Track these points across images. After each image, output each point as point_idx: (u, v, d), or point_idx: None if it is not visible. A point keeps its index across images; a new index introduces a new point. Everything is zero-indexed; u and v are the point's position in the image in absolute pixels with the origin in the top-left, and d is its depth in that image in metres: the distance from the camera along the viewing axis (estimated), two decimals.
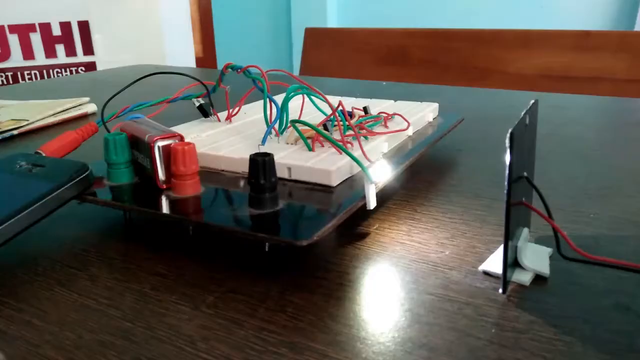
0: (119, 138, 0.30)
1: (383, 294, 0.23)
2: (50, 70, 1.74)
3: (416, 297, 0.23)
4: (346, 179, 0.30)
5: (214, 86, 0.40)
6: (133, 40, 1.78)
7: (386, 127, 0.38)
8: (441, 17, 2.08)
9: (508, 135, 0.20)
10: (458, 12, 2.07)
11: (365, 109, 0.40)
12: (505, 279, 0.22)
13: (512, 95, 0.70)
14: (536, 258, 0.25)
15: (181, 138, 0.29)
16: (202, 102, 0.40)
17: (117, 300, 0.23)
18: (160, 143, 0.28)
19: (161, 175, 0.28)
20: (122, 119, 0.33)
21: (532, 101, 0.25)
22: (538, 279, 0.24)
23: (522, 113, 0.23)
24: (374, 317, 0.21)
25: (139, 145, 0.30)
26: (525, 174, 0.24)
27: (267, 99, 0.34)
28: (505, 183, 0.21)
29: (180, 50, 1.95)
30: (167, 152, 0.28)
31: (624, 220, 0.30)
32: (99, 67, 1.77)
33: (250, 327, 0.21)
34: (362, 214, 0.31)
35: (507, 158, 0.20)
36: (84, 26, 1.74)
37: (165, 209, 0.27)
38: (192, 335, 0.20)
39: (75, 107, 0.62)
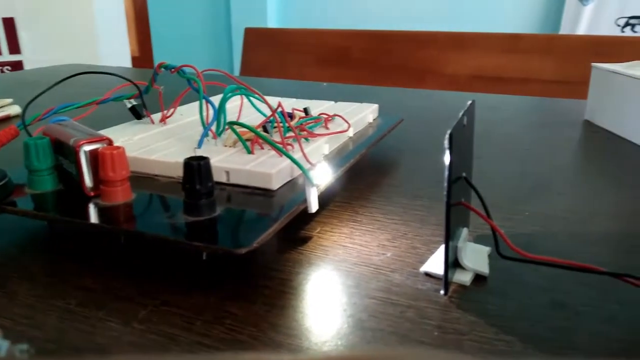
0: (40, 142, 0.27)
1: (326, 300, 0.22)
2: None
3: (359, 302, 0.22)
4: (287, 182, 0.29)
5: (147, 86, 0.38)
6: (64, 39, 1.69)
7: (327, 128, 0.37)
8: (379, 19, 2.11)
9: (447, 135, 0.20)
10: (395, 15, 2.11)
11: (305, 110, 0.39)
12: (446, 280, 0.22)
13: (448, 96, 0.72)
14: (476, 258, 0.25)
15: (110, 142, 0.27)
16: (135, 103, 0.38)
17: (39, 319, 0.21)
18: (87, 147, 0.26)
19: (88, 181, 0.26)
20: (46, 122, 0.31)
21: (470, 102, 0.25)
22: (478, 278, 0.24)
23: (460, 114, 0.23)
24: (316, 325, 0.21)
25: (63, 150, 0.28)
26: (464, 174, 0.24)
27: (203, 100, 0.33)
28: (445, 184, 0.20)
29: (115, 50, 1.87)
30: (94, 157, 0.26)
31: (555, 217, 0.31)
32: (27, 67, 1.67)
33: (186, 342, 0.20)
34: (304, 218, 0.30)
35: (447, 159, 0.20)
36: (9, 23, 1.64)
37: (93, 218, 0.25)
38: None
39: None
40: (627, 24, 1.85)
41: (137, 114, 0.38)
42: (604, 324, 0.21)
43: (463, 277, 0.24)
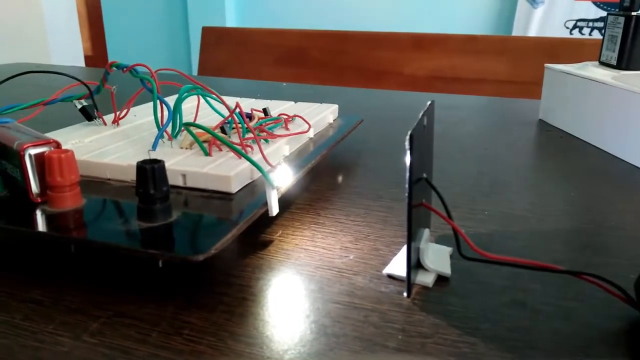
0: None
1: (287, 306, 0.22)
2: None
3: (322, 307, 0.22)
4: (246, 185, 0.28)
5: (98, 86, 0.36)
6: (11, 37, 1.61)
7: (287, 129, 0.37)
8: (338, 20, 2.11)
9: (407, 136, 0.20)
10: (354, 15, 2.12)
11: (265, 111, 0.38)
12: (409, 282, 0.22)
13: (407, 96, 0.72)
14: (438, 258, 0.25)
15: (57, 144, 0.26)
16: (85, 104, 0.37)
17: None
18: (32, 151, 0.25)
19: (34, 187, 0.25)
20: None
21: (429, 102, 0.25)
22: (440, 279, 0.24)
23: (420, 114, 0.23)
24: (278, 332, 0.20)
25: (7, 154, 0.26)
26: (424, 175, 0.24)
27: (158, 101, 0.32)
28: (406, 185, 0.20)
29: (67, 48, 1.80)
30: (40, 161, 0.25)
31: (514, 216, 0.31)
32: None
33: (141, 355, 0.19)
34: (265, 221, 0.29)
35: (407, 160, 0.20)
36: None
37: (40, 226, 0.24)
38: None
39: None
40: (575, 26, 1.93)
41: (88, 115, 0.37)
42: (563, 322, 0.21)
43: (425, 279, 0.24)
